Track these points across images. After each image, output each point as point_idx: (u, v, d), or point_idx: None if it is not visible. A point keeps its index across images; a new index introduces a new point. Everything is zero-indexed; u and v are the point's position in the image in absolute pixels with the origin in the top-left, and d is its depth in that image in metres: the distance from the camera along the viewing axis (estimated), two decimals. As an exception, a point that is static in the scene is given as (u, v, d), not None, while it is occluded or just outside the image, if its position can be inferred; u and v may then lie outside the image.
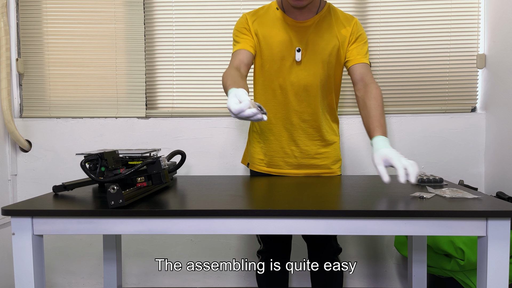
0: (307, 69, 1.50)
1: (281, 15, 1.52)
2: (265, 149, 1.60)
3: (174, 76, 2.33)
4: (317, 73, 1.51)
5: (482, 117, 2.23)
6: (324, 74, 1.52)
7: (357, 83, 1.52)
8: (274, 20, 1.52)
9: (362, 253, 2.32)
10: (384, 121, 1.39)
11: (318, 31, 1.51)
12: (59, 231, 1.09)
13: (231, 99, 1.12)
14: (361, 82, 1.50)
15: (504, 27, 2.07)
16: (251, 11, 1.59)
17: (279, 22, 1.52)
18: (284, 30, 1.51)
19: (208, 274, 2.36)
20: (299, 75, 1.51)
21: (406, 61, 2.26)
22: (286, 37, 1.50)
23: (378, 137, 1.32)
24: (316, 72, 1.51)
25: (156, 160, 1.18)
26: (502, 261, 1.02)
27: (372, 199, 1.17)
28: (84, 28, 2.31)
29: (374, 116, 1.39)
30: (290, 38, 1.50)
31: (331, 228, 1.05)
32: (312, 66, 1.50)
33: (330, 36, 1.51)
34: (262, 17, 1.54)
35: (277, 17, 1.53)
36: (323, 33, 1.51)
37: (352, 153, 2.27)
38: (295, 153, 1.57)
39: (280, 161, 1.58)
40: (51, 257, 2.38)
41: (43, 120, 2.32)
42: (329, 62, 1.52)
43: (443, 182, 1.41)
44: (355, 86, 1.53)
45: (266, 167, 1.61)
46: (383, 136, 1.32)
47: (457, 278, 1.82)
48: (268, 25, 1.52)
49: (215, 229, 1.07)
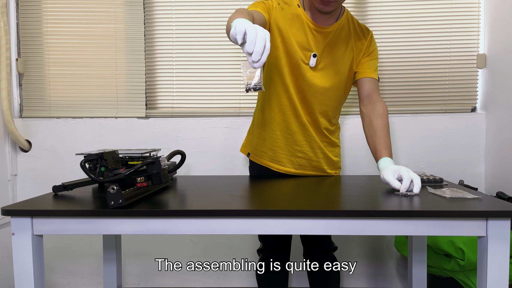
0: (320, 76, 1.48)
1: (302, 15, 1.47)
2: (269, 143, 1.57)
3: (174, 76, 2.33)
4: (329, 81, 1.49)
5: (482, 117, 2.23)
6: (335, 84, 1.51)
7: (363, 98, 1.51)
8: (295, 17, 1.46)
9: (362, 253, 2.32)
10: (390, 142, 1.40)
11: (336, 39, 1.48)
12: (59, 231, 1.09)
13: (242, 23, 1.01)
14: (368, 98, 1.50)
15: (504, 27, 2.07)
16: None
17: (299, 22, 1.46)
18: (303, 31, 1.46)
19: (208, 274, 2.36)
20: (311, 80, 1.48)
21: (406, 61, 2.26)
22: (304, 39, 1.46)
23: (385, 159, 1.34)
24: (328, 80, 1.49)
25: (156, 160, 1.18)
26: (502, 261, 1.02)
27: (372, 199, 1.17)
28: (84, 28, 2.31)
29: (380, 137, 1.39)
30: (308, 42, 1.46)
31: (331, 228, 1.05)
32: (325, 74, 1.48)
33: (346, 47, 1.49)
34: (286, 8, 1.47)
35: (298, 15, 1.47)
36: (341, 43, 1.49)
37: (352, 153, 2.27)
38: (298, 154, 1.56)
39: (284, 159, 1.57)
40: (51, 257, 2.38)
41: (43, 120, 2.32)
42: (342, 73, 1.51)
43: (443, 182, 1.41)
44: (361, 101, 1.51)
45: (268, 161, 1.59)
46: (390, 158, 1.34)
47: (457, 278, 1.82)
48: (288, 21, 1.46)
49: (215, 229, 1.07)
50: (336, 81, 1.50)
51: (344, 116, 2.26)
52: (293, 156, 1.56)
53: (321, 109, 1.52)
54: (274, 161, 1.58)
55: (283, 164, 1.57)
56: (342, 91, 1.55)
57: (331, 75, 1.49)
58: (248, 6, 1.44)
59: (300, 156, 1.55)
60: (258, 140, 1.61)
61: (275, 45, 1.46)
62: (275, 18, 1.45)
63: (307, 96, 1.50)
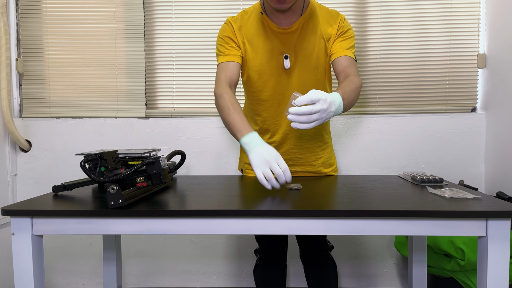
0: (298, 75, 1.46)
1: (265, 21, 1.46)
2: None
3: (174, 76, 2.33)
4: (308, 79, 1.47)
5: (483, 117, 2.23)
6: (315, 79, 1.48)
7: (339, 74, 1.42)
8: (259, 26, 1.46)
9: (362, 253, 2.32)
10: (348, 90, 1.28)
11: (304, 35, 1.45)
12: (58, 231, 1.09)
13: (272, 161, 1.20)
14: (343, 73, 1.41)
15: (505, 27, 2.07)
16: (235, 16, 1.52)
17: (264, 29, 1.46)
18: (269, 38, 1.45)
19: (208, 274, 2.36)
20: (289, 83, 1.47)
21: (406, 61, 2.26)
22: (272, 45, 1.45)
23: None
24: (307, 78, 1.47)
25: (155, 160, 1.18)
26: (502, 261, 1.02)
27: (372, 199, 1.17)
28: (84, 28, 2.31)
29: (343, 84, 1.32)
30: (277, 46, 1.45)
31: (331, 228, 1.05)
32: (302, 72, 1.46)
33: (316, 38, 1.46)
34: (247, 24, 1.48)
35: (262, 22, 1.46)
36: (309, 36, 1.45)
37: (351, 153, 2.27)
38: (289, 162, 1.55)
39: None
40: (51, 257, 2.38)
41: (43, 120, 2.32)
42: (319, 65, 1.47)
43: (443, 182, 1.41)
44: (338, 78, 1.43)
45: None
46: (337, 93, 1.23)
47: (457, 278, 1.82)
48: (254, 32, 1.46)
49: (214, 229, 1.07)
50: (314, 75, 1.48)
51: (343, 116, 2.26)
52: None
53: None
54: None
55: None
56: (323, 81, 1.51)
57: (309, 71, 1.47)
58: (218, 54, 1.49)
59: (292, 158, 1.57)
60: (244, 154, 1.63)
61: (248, 63, 1.48)
62: (242, 40, 1.46)
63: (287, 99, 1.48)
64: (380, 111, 2.26)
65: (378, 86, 2.28)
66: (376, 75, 2.27)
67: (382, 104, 2.28)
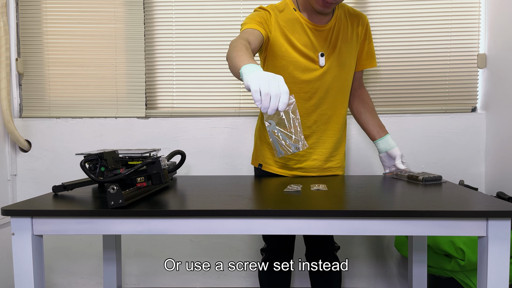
0: (331, 73, 1.49)
1: (300, 17, 1.47)
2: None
3: (174, 76, 2.33)
4: (341, 77, 1.51)
5: (483, 117, 2.23)
6: (346, 77, 1.53)
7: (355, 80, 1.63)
8: (294, 21, 1.47)
9: (362, 253, 2.32)
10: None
11: (338, 34, 1.49)
12: (58, 231, 1.09)
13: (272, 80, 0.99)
14: (357, 81, 1.64)
15: (505, 27, 2.07)
16: (270, 4, 1.49)
17: (299, 25, 1.47)
18: (305, 34, 1.46)
19: (208, 274, 2.36)
20: (321, 80, 1.48)
21: (406, 61, 2.26)
22: (308, 41, 1.46)
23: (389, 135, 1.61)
24: (339, 76, 1.50)
25: (156, 160, 1.18)
26: (502, 261, 1.02)
27: (372, 199, 1.17)
28: (84, 28, 2.31)
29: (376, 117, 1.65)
30: (312, 43, 1.46)
31: (332, 228, 1.05)
32: (335, 70, 1.49)
33: (349, 38, 1.51)
34: (282, 18, 1.47)
35: (296, 18, 1.47)
36: (343, 35, 1.50)
37: (354, 153, 2.27)
38: (312, 156, 1.56)
39: (294, 164, 1.57)
40: (51, 257, 2.38)
41: (43, 120, 2.32)
42: (350, 64, 1.53)
43: (442, 180, 1.42)
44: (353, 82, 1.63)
45: (278, 168, 1.59)
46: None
47: (458, 278, 1.82)
48: (290, 27, 1.46)
49: (214, 229, 1.07)
50: (346, 73, 1.52)
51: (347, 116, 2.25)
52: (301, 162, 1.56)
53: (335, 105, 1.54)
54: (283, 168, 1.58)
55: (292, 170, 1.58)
56: (350, 81, 1.58)
57: (342, 69, 1.51)
58: (244, 23, 1.41)
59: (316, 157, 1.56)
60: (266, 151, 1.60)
61: (281, 55, 1.46)
62: (275, 29, 1.45)
63: (319, 96, 1.50)
64: (380, 111, 2.26)
65: (378, 86, 2.28)
66: (376, 75, 2.27)
67: (382, 104, 2.28)
